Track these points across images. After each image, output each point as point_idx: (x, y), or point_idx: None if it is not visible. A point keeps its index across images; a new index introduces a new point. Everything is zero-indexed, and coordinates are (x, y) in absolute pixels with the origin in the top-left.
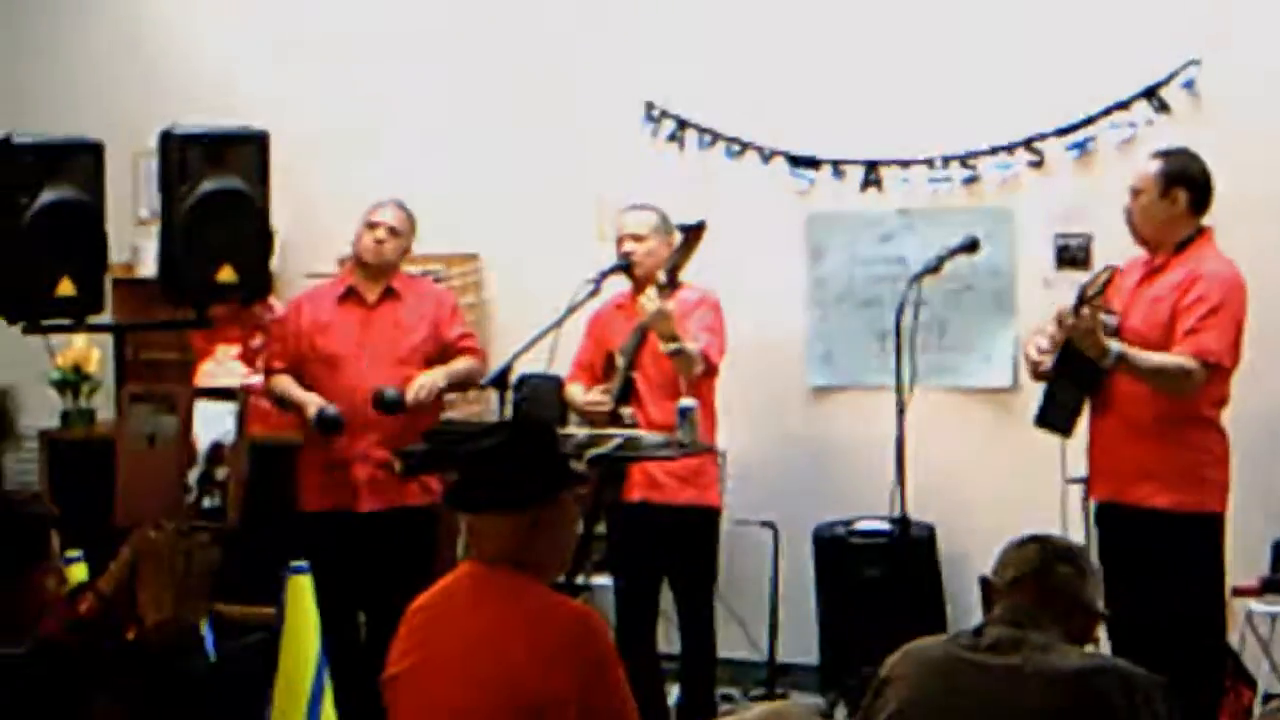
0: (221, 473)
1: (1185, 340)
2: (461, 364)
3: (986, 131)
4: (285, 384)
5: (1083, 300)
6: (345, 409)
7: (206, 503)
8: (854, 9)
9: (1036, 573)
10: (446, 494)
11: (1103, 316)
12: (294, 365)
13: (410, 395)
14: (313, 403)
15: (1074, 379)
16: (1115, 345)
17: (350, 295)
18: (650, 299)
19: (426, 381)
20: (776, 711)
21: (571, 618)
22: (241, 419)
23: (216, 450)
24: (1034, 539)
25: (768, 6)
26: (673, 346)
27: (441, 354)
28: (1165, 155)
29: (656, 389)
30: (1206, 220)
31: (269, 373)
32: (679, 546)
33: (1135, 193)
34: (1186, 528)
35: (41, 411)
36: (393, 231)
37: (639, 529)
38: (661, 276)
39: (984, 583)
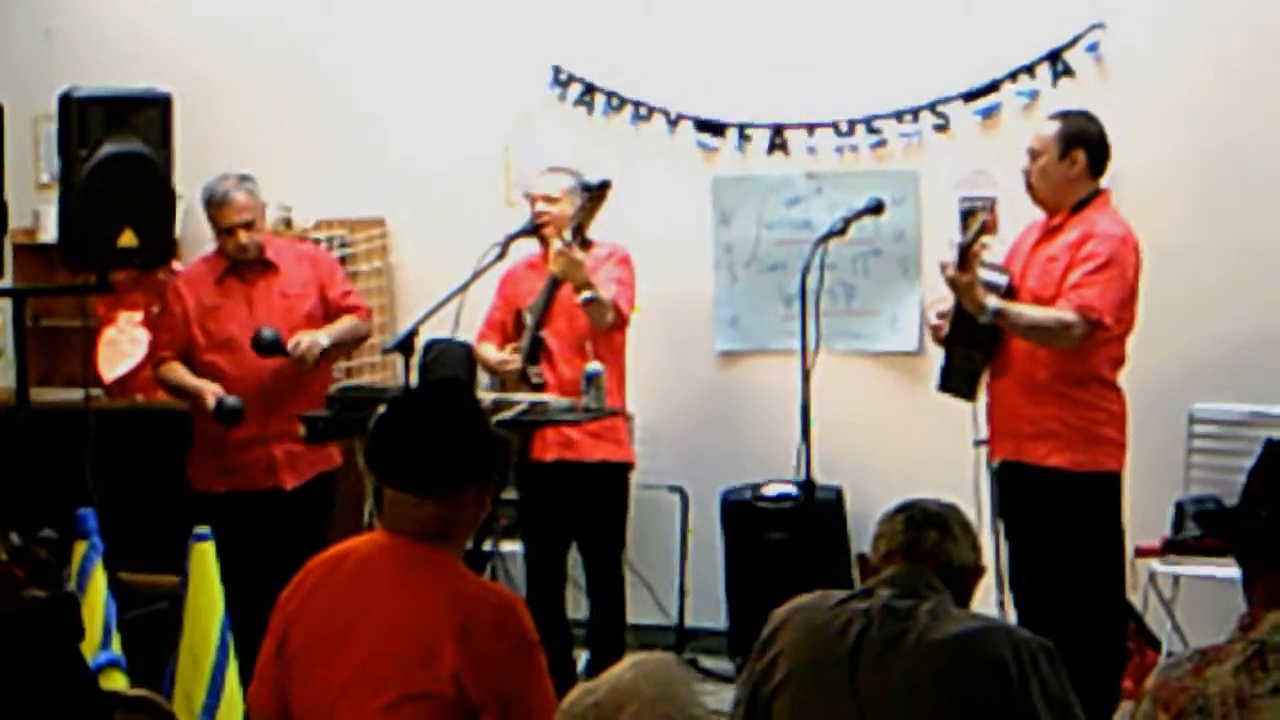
0: None
1: (1069, 294)
2: (344, 322)
3: (892, 95)
4: (177, 372)
5: (964, 254)
6: (252, 391)
7: None
8: None
9: (903, 546)
10: (374, 467)
11: (983, 274)
12: (183, 352)
13: (290, 345)
14: (209, 390)
15: (969, 342)
16: (993, 301)
17: (229, 274)
18: (560, 249)
19: (307, 338)
20: (638, 663)
21: (497, 604)
22: None
23: None
24: (901, 509)
25: None
26: (586, 294)
27: (328, 316)
28: (1064, 116)
29: (568, 347)
30: (1105, 182)
31: (158, 362)
32: (592, 504)
33: (1034, 154)
34: (1084, 487)
35: None
36: (248, 226)
37: (552, 488)
38: (566, 234)
39: (861, 559)
